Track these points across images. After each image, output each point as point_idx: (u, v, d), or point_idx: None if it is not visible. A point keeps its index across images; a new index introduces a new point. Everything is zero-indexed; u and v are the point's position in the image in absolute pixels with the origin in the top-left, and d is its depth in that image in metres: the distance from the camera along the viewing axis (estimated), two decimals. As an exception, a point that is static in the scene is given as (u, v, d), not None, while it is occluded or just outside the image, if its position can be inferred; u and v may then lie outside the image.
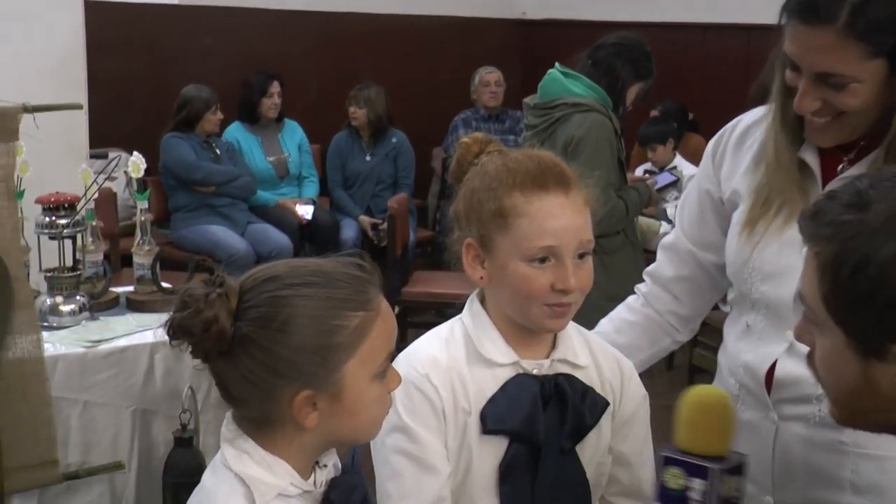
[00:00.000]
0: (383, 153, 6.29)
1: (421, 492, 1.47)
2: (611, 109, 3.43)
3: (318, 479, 1.30)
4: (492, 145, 1.56)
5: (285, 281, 1.25)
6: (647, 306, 1.91)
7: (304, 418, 1.24)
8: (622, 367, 1.61)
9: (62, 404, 2.58)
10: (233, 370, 1.24)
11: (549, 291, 1.46)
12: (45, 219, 2.79)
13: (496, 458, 1.50)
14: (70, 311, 2.77)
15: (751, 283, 1.68)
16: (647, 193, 3.69)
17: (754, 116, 1.76)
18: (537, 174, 1.47)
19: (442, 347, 1.54)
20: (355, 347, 1.24)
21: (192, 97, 5.58)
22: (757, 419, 1.68)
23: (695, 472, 1.35)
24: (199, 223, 5.52)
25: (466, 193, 1.52)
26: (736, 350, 1.74)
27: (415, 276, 5.29)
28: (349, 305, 1.24)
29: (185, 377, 2.67)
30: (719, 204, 1.79)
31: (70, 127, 3.70)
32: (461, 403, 1.50)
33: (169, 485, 2.58)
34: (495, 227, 1.47)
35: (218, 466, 1.29)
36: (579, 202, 1.48)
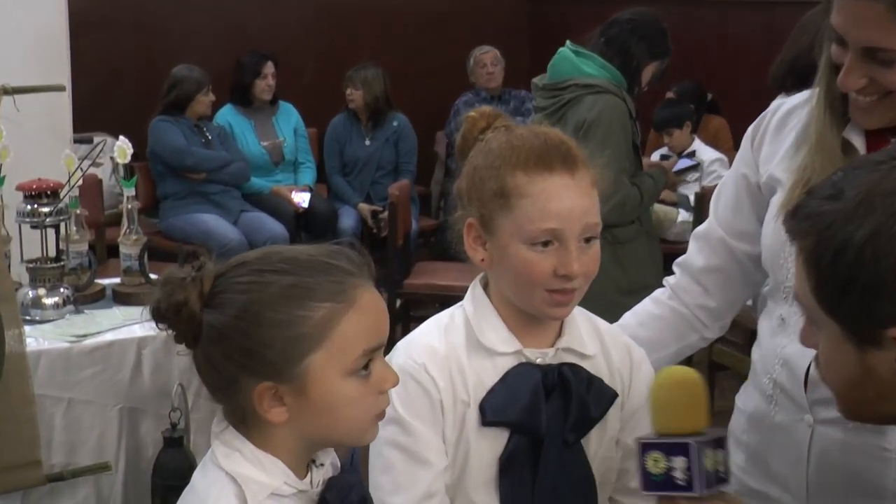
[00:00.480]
0: (383, 137, 6.29)
1: (413, 485, 1.49)
2: (625, 90, 3.43)
3: (315, 479, 1.31)
4: (499, 120, 1.57)
5: (253, 267, 1.27)
6: (674, 299, 1.90)
7: (268, 411, 1.24)
8: (632, 355, 1.62)
9: (45, 402, 2.58)
10: (203, 357, 1.27)
11: (552, 277, 1.46)
12: (26, 207, 2.79)
13: (496, 451, 1.51)
14: (53, 304, 2.78)
15: (787, 271, 1.67)
16: (664, 179, 3.69)
17: (797, 100, 1.76)
18: (542, 153, 1.48)
19: (441, 336, 1.55)
20: (321, 340, 1.24)
21: (183, 77, 5.58)
22: (791, 422, 1.67)
23: (674, 451, 1.38)
24: (190, 211, 5.53)
25: (469, 171, 1.53)
26: (771, 346, 1.73)
27: (417, 267, 5.29)
28: (315, 295, 1.24)
29: (174, 373, 2.68)
30: (756, 190, 1.79)
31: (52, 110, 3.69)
32: (460, 394, 1.51)
33: (158, 487, 2.59)
34: (497, 208, 1.48)
35: (208, 465, 1.29)
36: (586, 183, 1.49)
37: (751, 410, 1.78)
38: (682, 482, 1.37)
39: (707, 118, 6.37)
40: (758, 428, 1.76)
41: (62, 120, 3.82)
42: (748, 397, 1.81)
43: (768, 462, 1.74)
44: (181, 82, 5.59)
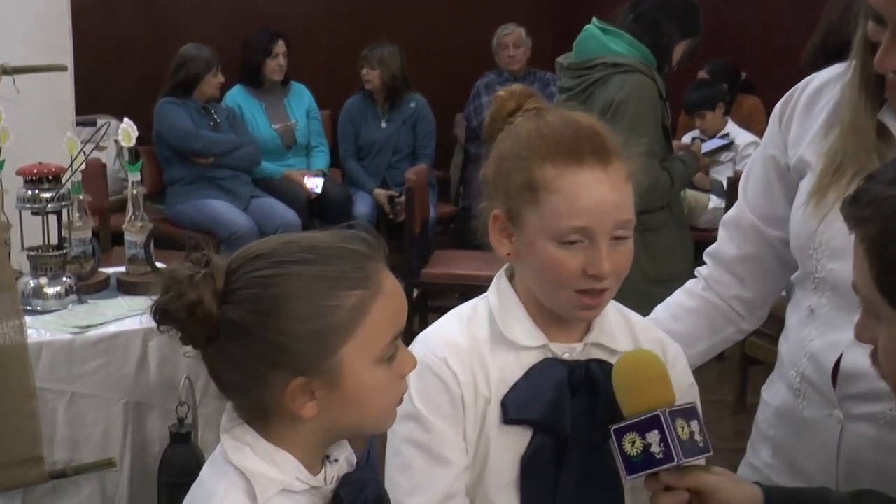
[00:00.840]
0: (400, 120, 6.28)
1: (431, 485, 1.48)
2: (655, 70, 3.41)
3: (329, 475, 1.31)
4: (530, 101, 1.54)
5: (273, 259, 1.25)
6: (707, 290, 1.88)
7: (301, 408, 1.24)
8: (666, 351, 1.59)
9: (47, 396, 2.59)
10: (222, 357, 1.25)
11: (581, 276, 1.45)
12: (26, 192, 2.80)
13: (518, 451, 1.49)
14: (55, 294, 2.78)
15: (816, 260, 1.66)
16: (695, 164, 3.67)
17: (828, 75, 1.74)
18: (573, 143, 1.45)
19: (463, 328, 1.54)
20: (353, 329, 1.23)
21: (192, 57, 5.59)
22: (820, 418, 1.66)
23: (646, 426, 1.41)
24: (198, 197, 5.54)
25: (496, 158, 1.51)
26: (799, 338, 1.71)
27: (435, 255, 5.28)
28: (344, 284, 1.24)
29: (181, 367, 2.68)
30: (785, 171, 1.77)
31: (54, 91, 3.70)
32: (481, 390, 1.50)
33: (165, 485, 2.59)
34: (524, 201, 1.46)
35: (217, 460, 1.29)
36: (619, 177, 1.46)
37: (777, 404, 1.77)
38: (660, 455, 1.39)
39: (741, 98, 6.34)
40: (785, 423, 1.75)
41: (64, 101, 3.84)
42: (775, 391, 1.80)
43: (796, 458, 1.73)
44: (189, 62, 5.59)
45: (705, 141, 5.70)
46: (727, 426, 4.32)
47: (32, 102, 3.15)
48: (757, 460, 1.81)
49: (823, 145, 1.66)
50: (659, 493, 1.42)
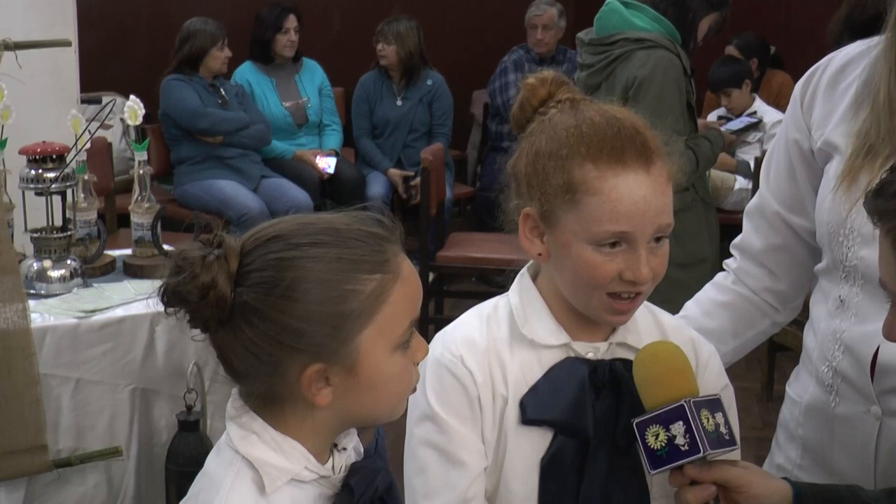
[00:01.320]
0: (416, 97, 6.26)
1: (448, 489, 1.47)
2: (679, 45, 3.39)
3: (337, 464, 1.31)
4: (563, 90, 1.52)
5: (291, 241, 1.25)
6: (738, 283, 1.86)
7: (316, 395, 1.24)
8: (699, 353, 1.58)
9: (52, 382, 2.60)
10: (234, 341, 1.24)
11: (616, 280, 1.44)
12: (30, 172, 2.81)
13: (538, 454, 1.48)
14: (60, 277, 2.80)
15: (847, 248, 1.63)
16: (721, 142, 3.65)
17: (851, 52, 1.71)
18: (615, 144, 1.43)
19: (482, 326, 1.53)
20: (372, 315, 1.23)
21: (196, 31, 5.58)
22: (856, 414, 1.64)
23: (670, 418, 1.40)
24: (206, 178, 5.54)
25: (530, 154, 1.48)
26: (829, 330, 1.68)
27: (451, 237, 5.28)
28: (364, 267, 1.24)
29: (189, 352, 2.69)
30: (809, 156, 1.74)
31: (58, 67, 3.71)
32: (499, 389, 1.49)
33: (172, 473, 2.61)
34: (561, 203, 1.44)
35: (223, 449, 1.29)
36: (662, 179, 1.44)
37: (807, 401, 1.74)
38: (685, 447, 1.38)
39: (770, 74, 6.29)
40: (815, 420, 1.72)
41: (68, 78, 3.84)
42: (802, 387, 1.76)
43: (829, 458, 1.70)
44: (193, 36, 5.57)
45: (731, 120, 5.67)
46: (754, 415, 4.31)
47: (36, 79, 3.16)
48: (784, 460, 1.79)
49: (853, 125, 1.63)
50: (685, 487, 1.41)
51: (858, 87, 1.65)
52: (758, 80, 6.17)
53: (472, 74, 6.87)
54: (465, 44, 7.09)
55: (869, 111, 1.61)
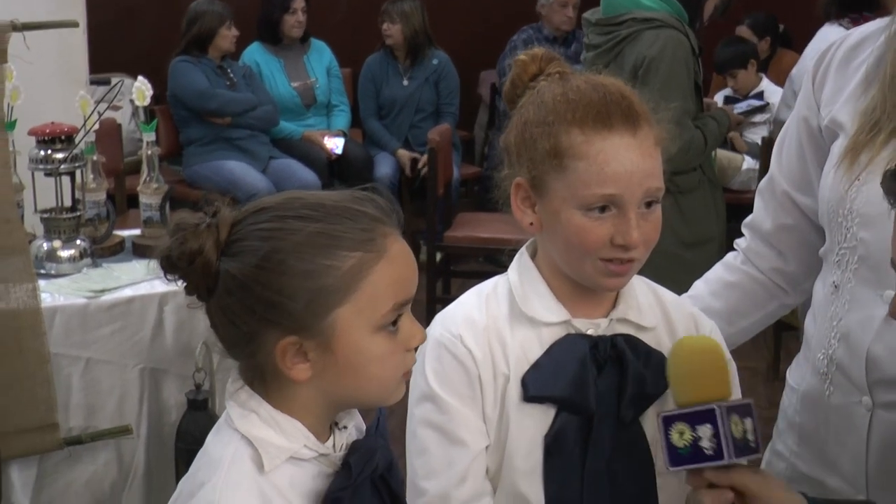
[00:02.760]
0: (423, 77, 6.25)
1: (447, 468, 1.47)
2: (687, 25, 3.37)
3: (338, 442, 1.31)
4: (553, 64, 1.52)
5: (276, 213, 1.25)
6: (747, 263, 1.84)
7: (291, 368, 1.24)
8: (699, 328, 1.57)
9: (62, 362, 2.61)
10: (219, 310, 1.25)
11: (608, 245, 1.43)
12: (39, 153, 2.81)
13: (541, 431, 1.47)
14: (69, 258, 2.80)
15: (847, 228, 1.60)
16: (727, 121, 3.64)
17: (866, 30, 1.68)
18: (601, 108, 1.43)
19: (481, 305, 1.52)
20: (349, 292, 1.23)
21: (203, 11, 5.57)
22: (848, 404, 1.61)
23: (699, 419, 1.37)
24: (215, 158, 5.54)
25: (519, 124, 1.49)
26: (826, 316, 1.66)
27: (459, 217, 5.27)
28: (344, 244, 1.23)
29: (198, 332, 2.69)
30: (817, 134, 1.71)
31: (66, 48, 3.70)
32: (500, 367, 1.48)
33: (182, 451, 2.62)
34: (549, 169, 1.44)
35: (222, 427, 1.29)
36: (649, 143, 1.44)
37: (804, 389, 1.72)
38: (709, 451, 1.36)
39: (780, 53, 6.25)
40: (811, 409, 1.70)
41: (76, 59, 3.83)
42: (801, 375, 1.74)
43: (824, 448, 1.68)
44: (201, 17, 5.57)
45: (738, 101, 5.64)
46: (760, 394, 4.31)
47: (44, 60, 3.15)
48: (783, 447, 1.77)
49: (860, 103, 1.60)
50: (701, 489, 1.39)
51: (870, 65, 1.62)
52: (766, 59, 6.14)
53: (478, 55, 6.85)
54: (472, 25, 7.07)
55: (877, 88, 1.58)
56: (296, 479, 1.26)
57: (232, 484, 1.23)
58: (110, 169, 4.25)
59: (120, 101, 4.98)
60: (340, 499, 1.26)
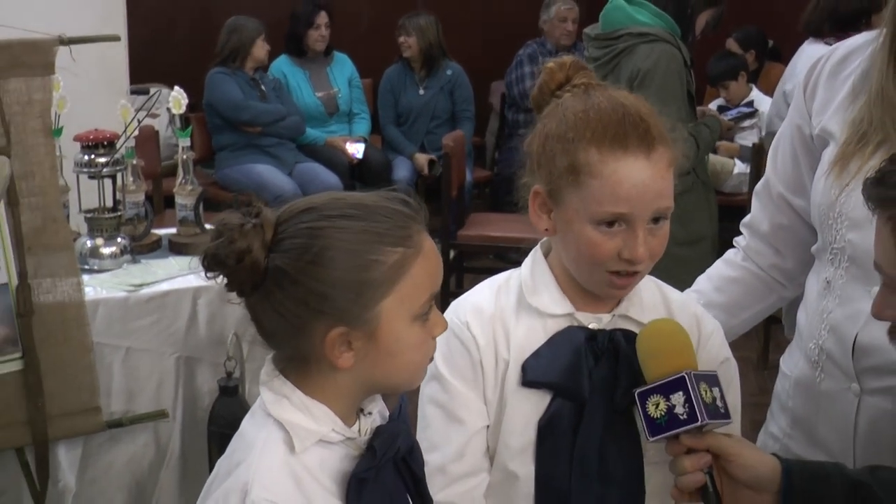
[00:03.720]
0: (438, 86, 6.25)
1: (446, 444, 1.47)
2: (679, 39, 3.36)
3: (363, 427, 1.31)
4: (580, 74, 1.50)
5: (322, 213, 1.25)
6: (747, 260, 1.84)
7: (338, 357, 1.24)
8: (702, 327, 1.55)
9: (104, 350, 2.62)
10: (266, 304, 1.25)
11: (615, 258, 1.42)
12: (83, 157, 2.82)
13: (536, 414, 1.47)
14: (111, 254, 2.81)
15: (836, 230, 1.60)
16: (718, 127, 3.62)
17: (853, 44, 1.67)
18: (619, 130, 1.41)
19: (491, 296, 1.53)
20: (393, 285, 1.23)
21: (239, 26, 5.59)
22: (837, 390, 1.61)
23: (670, 388, 1.38)
24: (245, 162, 5.55)
25: (541, 135, 1.48)
26: (818, 310, 1.66)
27: (471, 218, 5.27)
28: (387, 240, 1.24)
29: (229, 323, 2.70)
30: (809, 141, 1.71)
31: (109, 60, 3.72)
32: (501, 353, 1.48)
33: (214, 434, 2.62)
34: (565, 183, 1.43)
35: (256, 412, 1.30)
36: (662, 164, 1.42)
37: (796, 376, 1.72)
38: (683, 416, 1.36)
39: (769, 66, 6.23)
40: (803, 394, 1.70)
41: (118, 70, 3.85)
42: (794, 362, 1.74)
43: (814, 431, 1.68)
44: (237, 31, 5.58)
45: (729, 110, 5.62)
46: (751, 381, 4.30)
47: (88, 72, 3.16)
48: (776, 429, 1.77)
49: (849, 114, 1.60)
50: (680, 455, 1.39)
51: (857, 78, 1.62)
52: (756, 71, 6.12)
53: (490, 66, 6.84)
54: (482, 38, 7.06)
55: (864, 101, 1.58)
56: (324, 460, 1.27)
57: (265, 463, 1.23)
58: (148, 172, 4.25)
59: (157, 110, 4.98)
60: (365, 479, 1.26)
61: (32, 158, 2.50)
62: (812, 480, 1.39)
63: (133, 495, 2.72)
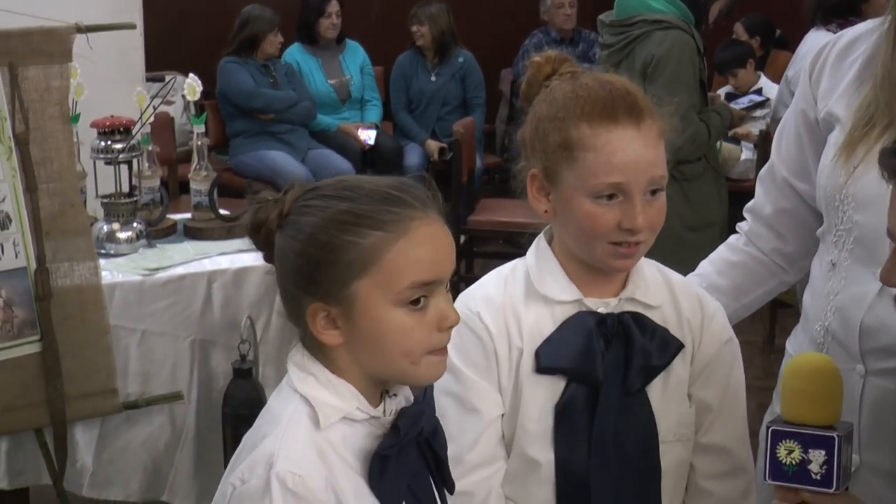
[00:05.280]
0: (449, 73, 6.24)
1: (461, 434, 1.47)
2: (693, 26, 3.35)
3: (388, 408, 1.31)
4: (565, 65, 1.51)
5: (321, 192, 1.29)
6: (749, 245, 1.83)
7: (321, 332, 1.26)
8: (704, 307, 1.55)
9: (120, 333, 2.63)
10: (277, 277, 1.31)
11: (615, 230, 1.43)
12: (100, 143, 2.82)
13: (552, 400, 1.47)
14: (127, 239, 2.82)
15: (843, 212, 1.60)
16: (729, 114, 3.62)
17: (860, 29, 1.66)
18: (607, 103, 1.43)
19: (500, 284, 1.52)
20: (367, 266, 1.24)
21: (255, 17, 5.57)
22: (843, 371, 1.55)
23: (813, 443, 1.30)
24: (258, 149, 5.55)
25: (533, 120, 1.49)
26: (824, 291, 1.65)
27: (481, 203, 5.27)
28: (365, 223, 1.24)
29: (243, 307, 2.70)
30: (814, 125, 1.70)
31: (125, 48, 3.73)
32: (514, 341, 1.48)
33: (228, 416, 2.63)
34: (560, 160, 1.44)
35: (284, 388, 1.31)
36: (652, 134, 1.44)
37: None
38: (817, 476, 1.30)
39: (775, 54, 6.21)
40: None
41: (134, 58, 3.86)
42: (799, 343, 1.74)
43: None
44: (253, 21, 5.56)
45: (738, 98, 5.60)
46: (757, 365, 4.29)
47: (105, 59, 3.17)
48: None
49: (855, 99, 1.59)
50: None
51: (862, 63, 1.61)
52: (762, 58, 6.10)
53: (499, 54, 6.82)
54: (492, 27, 7.04)
55: (870, 85, 1.57)
56: (348, 437, 1.27)
57: (290, 437, 1.24)
58: (164, 158, 4.26)
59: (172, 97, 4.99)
60: (388, 456, 1.26)
61: (51, 145, 2.51)
62: None
63: (149, 474, 2.73)
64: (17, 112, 2.44)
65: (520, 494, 1.50)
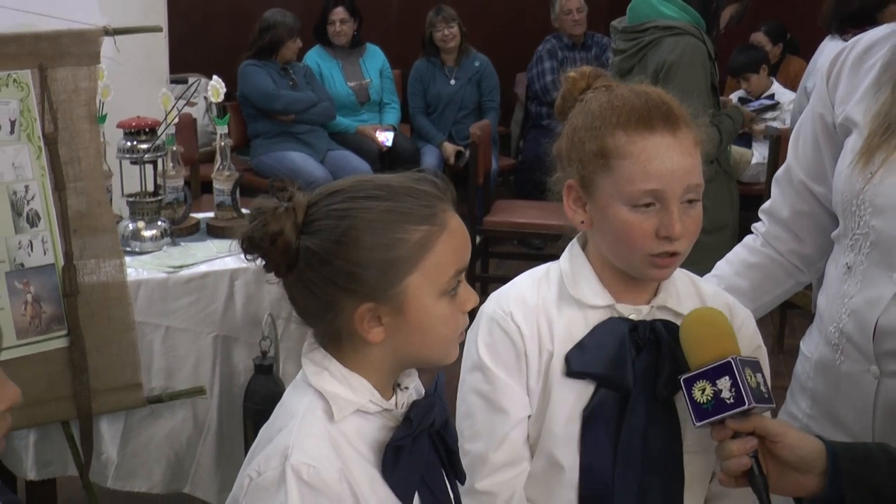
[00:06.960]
0: (466, 77, 6.25)
1: (489, 433, 1.46)
2: (704, 32, 3.34)
3: (400, 401, 1.32)
4: (600, 80, 1.51)
5: (348, 194, 1.27)
6: (766, 246, 1.83)
7: (368, 332, 1.26)
8: (734, 316, 1.54)
9: (145, 329, 2.64)
10: (300, 283, 1.27)
11: (653, 238, 1.41)
12: (126, 143, 2.84)
13: (580, 404, 1.46)
14: (152, 237, 2.83)
15: (860, 217, 1.59)
16: (741, 118, 3.61)
17: (876, 35, 1.65)
18: (643, 112, 1.42)
19: (533, 287, 1.51)
20: (417, 261, 1.25)
21: (277, 22, 5.58)
22: (857, 372, 1.60)
23: (717, 373, 1.37)
24: (279, 149, 5.57)
25: (569, 132, 1.48)
26: (839, 294, 1.64)
27: (496, 204, 5.27)
28: (411, 219, 1.25)
29: (265, 304, 2.71)
30: (832, 130, 1.69)
31: (150, 51, 3.74)
32: (545, 344, 1.47)
33: (250, 411, 2.64)
34: (597, 169, 1.43)
35: (299, 383, 1.32)
36: (688, 142, 1.42)
37: (816, 358, 1.71)
38: (730, 399, 1.35)
39: (788, 59, 6.18)
40: (823, 376, 1.69)
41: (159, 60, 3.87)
42: (814, 344, 1.73)
43: (834, 411, 1.67)
44: (274, 27, 5.57)
45: (750, 102, 5.58)
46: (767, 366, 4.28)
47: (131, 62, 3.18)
48: (797, 409, 1.76)
49: (872, 105, 1.58)
50: (727, 440, 1.37)
51: (880, 69, 1.60)
52: (776, 64, 6.07)
53: (513, 58, 6.82)
54: (506, 32, 7.04)
55: (889, 92, 1.56)
56: (362, 429, 1.28)
57: (305, 430, 1.25)
58: (187, 158, 4.28)
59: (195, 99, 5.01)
60: (401, 447, 1.27)
61: (78, 144, 2.52)
62: (856, 461, 1.38)
63: (172, 467, 2.74)
64: (47, 112, 2.46)
65: (542, 497, 1.49)
